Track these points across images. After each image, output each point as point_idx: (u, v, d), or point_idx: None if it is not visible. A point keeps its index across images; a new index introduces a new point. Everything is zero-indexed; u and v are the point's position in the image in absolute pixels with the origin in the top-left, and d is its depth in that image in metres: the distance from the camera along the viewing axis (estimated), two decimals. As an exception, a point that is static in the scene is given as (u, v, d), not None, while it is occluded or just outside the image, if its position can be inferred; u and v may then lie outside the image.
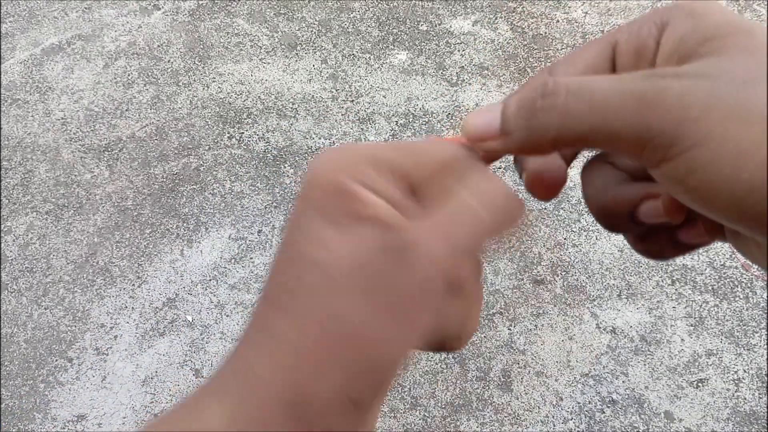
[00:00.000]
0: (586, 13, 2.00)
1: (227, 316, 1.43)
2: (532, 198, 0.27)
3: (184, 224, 1.58)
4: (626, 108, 0.20)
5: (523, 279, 1.45)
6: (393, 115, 1.77)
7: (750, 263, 1.45)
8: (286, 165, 1.67)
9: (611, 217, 0.26)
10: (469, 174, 0.24)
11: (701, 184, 0.19)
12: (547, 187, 0.26)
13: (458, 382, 1.33)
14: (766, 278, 1.42)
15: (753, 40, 0.21)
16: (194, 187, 1.65)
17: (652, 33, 0.24)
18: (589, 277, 1.45)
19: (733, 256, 1.47)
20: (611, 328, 1.38)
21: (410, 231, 0.21)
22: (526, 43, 1.93)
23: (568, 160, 0.27)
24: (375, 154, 0.23)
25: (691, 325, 1.37)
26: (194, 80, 1.87)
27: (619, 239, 1.48)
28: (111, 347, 1.40)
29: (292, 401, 0.20)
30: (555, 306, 1.41)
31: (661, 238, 0.26)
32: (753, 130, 0.18)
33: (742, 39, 0.21)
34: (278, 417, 0.20)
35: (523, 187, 0.27)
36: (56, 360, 1.38)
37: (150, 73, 1.90)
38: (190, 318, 1.43)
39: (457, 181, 0.23)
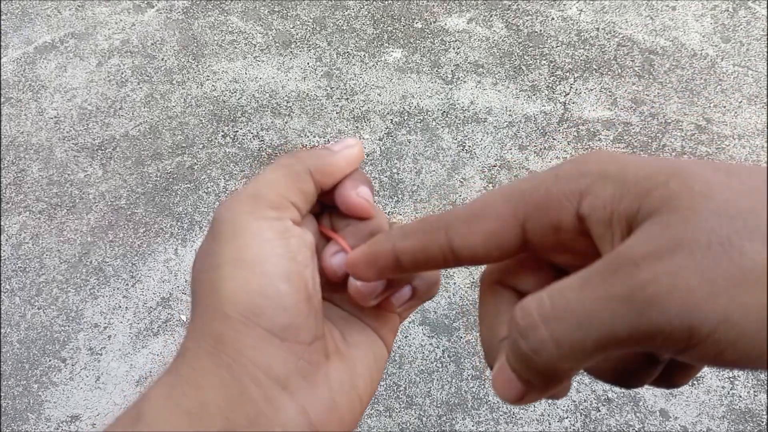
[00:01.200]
0: (581, 10, 2.00)
1: (222, 315, 1.42)
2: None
3: (178, 223, 1.57)
4: (619, 314, 0.18)
5: (518, 277, 1.45)
6: (388, 113, 1.76)
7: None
8: (280, 163, 1.67)
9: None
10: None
11: (739, 357, 0.17)
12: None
13: (454, 380, 1.33)
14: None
15: (684, 182, 0.19)
16: (188, 185, 1.64)
17: (567, 208, 0.22)
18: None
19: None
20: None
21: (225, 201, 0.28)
22: (521, 40, 1.93)
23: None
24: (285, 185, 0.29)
25: (687, 323, 1.37)
26: (188, 78, 1.86)
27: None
28: (105, 347, 1.39)
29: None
30: (550, 304, 1.41)
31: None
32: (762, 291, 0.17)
33: (675, 188, 0.19)
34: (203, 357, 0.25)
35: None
36: (50, 360, 1.38)
37: (144, 72, 1.89)
38: (184, 317, 1.42)
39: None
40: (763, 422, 1.26)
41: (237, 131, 1.74)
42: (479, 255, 0.24)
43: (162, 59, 1.92)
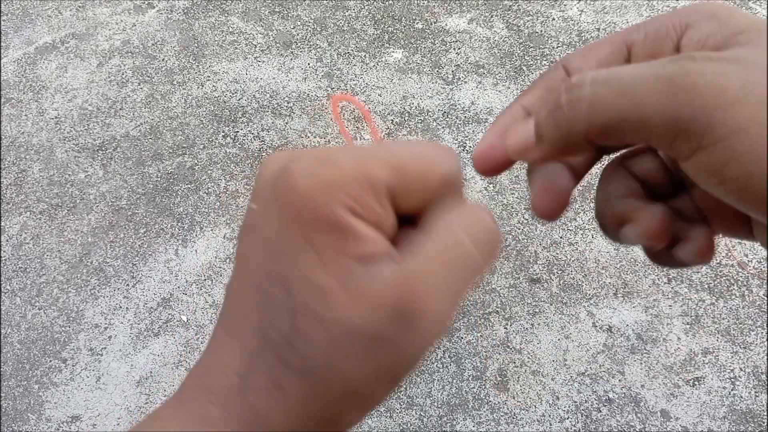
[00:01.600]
0: (582, 11, 2.00)
1: (222, 315, 1.42)
2: (537, 218, 0.27)
3: (179, 224, 1.57)
4: (656, 92, 0.19)
5: (519, 278, 1.45)
6: (389, 114, 1.76)
7: (746, 261, 1.45)
8: (281, 164, 1.67)
9: (603, 227, 0.26)
10: (455, 200, 0.22)
11: (740, 175, 0.18)
12: (552, 203, 0.25)
13: (454, 381, 1.32)
14: (765, 276, 1.42)
15: None
16: (189, 186, 1.64)
17: (671, 35, 0.23)
18: (585, 275, 1.45)
19: (729, 254, 1.47)
20: (607, 326, 1.38)
21: (416, 291, 0.20)
22: (521, 41, 1.93)
23: (580, 174, 0.26)
24: (366, 173, 0.20)
25: (687, 324, 1.37)
26: (189, 79, 1.86)
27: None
28: (105, 348, 1.39)
29: None
30: (551, 305, 1.41)
31: (662, 252, 0.25)
32: None
33: (756, 36, 0.20)
34: None
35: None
36: (50, 361, 1.37)
37: (144, 72, 1.89)
38: (185, 318, 1.42)
39: (445, 208, 0.22)
40: (764, 423, 1.26)
41: (238, 132, 1.74)
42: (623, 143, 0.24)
43: (162, 60, 1.92)
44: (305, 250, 0.20)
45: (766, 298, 1.39)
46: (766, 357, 1.32)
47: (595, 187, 0.27)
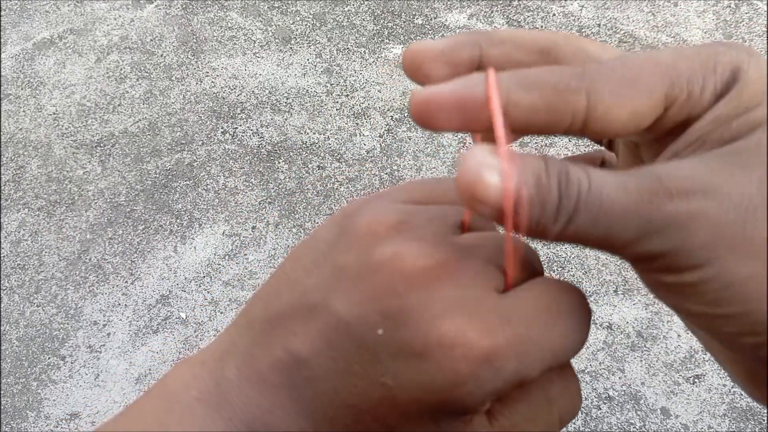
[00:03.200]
0: (583, 6, 1.99)
1: (221, 313, 1.42)
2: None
3: (178, 220, 1.56)
4: (633, 228, 0.18)
5: (519, 275, 1.44)
6: (388, 110, 1.75)
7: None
8: (280, 160, 1.66)
9: None
10: (563, 369, 0.22)
11: (707, 307, 0.18)
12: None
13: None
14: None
15: None
16: (187, 182, 1.63)
17: (710, 86, 0.19)
18: (586, 272, 1.44)
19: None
20: (607, 324, 1.37)
21: None
22: (522, 36, 1.92)
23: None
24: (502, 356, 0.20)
25: (688, 321, 1.37)
26: (187, 75, 1.85)
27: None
28: (104, 345, 1.39)
29: None
30: (551, 302, 1.41)
31: None
32: (754, 265, 0.18)
33: None
34: None
35: None
36: (49, 358, 1.37)
37: (142, 68, 1.88)
38: (183, 315, 1.42)
39: (550, 378, 0.21)
40: (764, 421, 1.26)
41: (236, 128, 1.73)
42: (613, 130, 0.20)
43: (161, 55, 1.91)
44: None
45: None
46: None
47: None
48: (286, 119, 1.75)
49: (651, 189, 0.18)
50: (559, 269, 1.44)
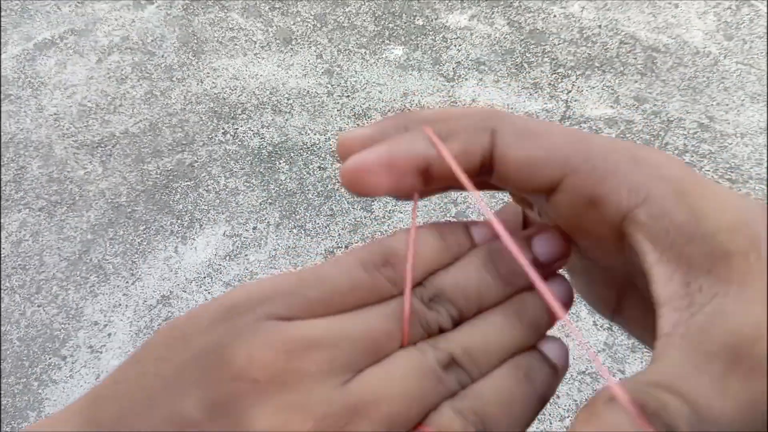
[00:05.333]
0: (584, 7, 1.99)
1: (222, 313, 1.42)
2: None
3: (179, 221, 1.57)
4: None
5: (519, 276, 1.44)
6: (389, 111, 1.75)
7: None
8: (281, 161, 1.66)
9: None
10: None
11: None
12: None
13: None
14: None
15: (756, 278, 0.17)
16: (188, 183, 1.63)
17: (622, 201, 0.19)
18: (586, 273, 1.44)
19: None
20: (608, 325, 1.37)
21: None
22: (522, 38, 1.92)
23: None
24: None
25: (688, 322, 1.37)
26: (188, 75, 1.85)
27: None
28: (105, 345, 1.39)
29: None
30: (552, 303, 1.41)
31: None
32: None
33: (751, 265, 0.17)
34: None
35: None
36: (50, 358, 1.37)
37: (143, 68, 1.88)
38: (184, 316, 1.42)
39: None
40: (764, 422, 1.26)
41: (237, 128, 1.73)
42: (512, 176, 0.21)
43: (162, 56, 1.91)
44: None
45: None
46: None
47: None
48: (286, 120, 1.75)
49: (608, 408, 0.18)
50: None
